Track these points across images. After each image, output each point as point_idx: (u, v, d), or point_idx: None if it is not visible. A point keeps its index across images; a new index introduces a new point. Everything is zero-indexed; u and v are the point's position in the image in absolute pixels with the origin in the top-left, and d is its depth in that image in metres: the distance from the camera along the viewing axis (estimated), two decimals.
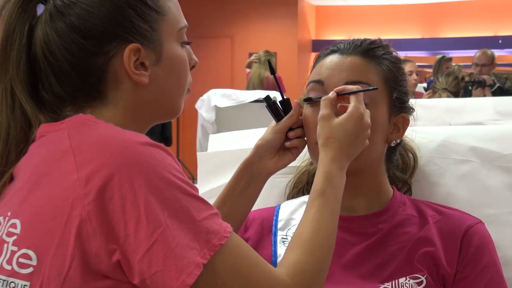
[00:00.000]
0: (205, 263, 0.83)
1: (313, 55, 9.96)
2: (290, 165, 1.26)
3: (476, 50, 5.42)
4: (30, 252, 0.85)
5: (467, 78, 5.40)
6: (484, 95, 4.62)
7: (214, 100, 4.48)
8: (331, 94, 1.12)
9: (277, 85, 1.25)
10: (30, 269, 0.85)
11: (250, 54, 9.23)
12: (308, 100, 1.20)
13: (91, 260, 0.82)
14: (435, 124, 3.10)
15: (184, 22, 1.03)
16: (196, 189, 0.88)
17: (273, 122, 1.24)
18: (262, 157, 1.21)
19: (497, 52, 6.61)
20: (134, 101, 0.96)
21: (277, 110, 1.23)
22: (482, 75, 4.97)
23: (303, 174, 1.40)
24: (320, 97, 1.13)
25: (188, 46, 1.04)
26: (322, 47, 1.28)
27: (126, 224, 0.81)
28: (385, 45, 1.24)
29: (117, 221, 0.82)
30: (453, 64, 6.47)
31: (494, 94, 4.75)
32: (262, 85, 5.78)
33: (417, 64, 5.89)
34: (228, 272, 0.85)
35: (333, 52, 1.23)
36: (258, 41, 9.04)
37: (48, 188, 0.86)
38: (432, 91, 4.13)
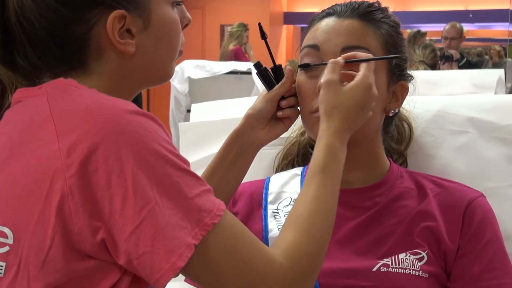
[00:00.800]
0: (196, 243, 0.76)
1: (285, 27, 9.86)
2: None
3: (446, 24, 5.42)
4: (6, 230, 0.77)
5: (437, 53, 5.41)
6: (452, 70, 4.62)
7: (187, 71, 4.36)
8: (339, 59, 1.04)
9: (268, 51, 1.17)
10: (6, 248, 0.77)
11: (222, 26, 9.12)
12: (305, 66, 1.12)
13: (74, 238, 0.75)
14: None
15: None
16: (188, 163, 0.80)
17: (264, 91, 1.16)
18: (252, 127, 1.14)
19: (467, 27, 6.60)
20: (120, 70, 0.87)
21: (268, 77, 1.15)
22: (451, 49, 4.96)
23: (293, 145, 1.34)
24: (320, 64, 1.07)
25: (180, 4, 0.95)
26: (294, 20, 1.20)
27: (112, 199, 0.74)
28: (383, 8, 1.17)
29: (102, 196, 0.74)
30: (427, 38, 6.46)
31: (462, 68, 4.75)
32: (224, 57, 5.72)
33: None
34: (221, 253, 0.78)
35: (329, 15, 1.15)
36: (230, 13, 8.93)
37: (24, 159, 0.78)
38: (409, 63, 4.09)
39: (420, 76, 3.62)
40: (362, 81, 1.00)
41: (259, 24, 1.16)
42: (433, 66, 4.00)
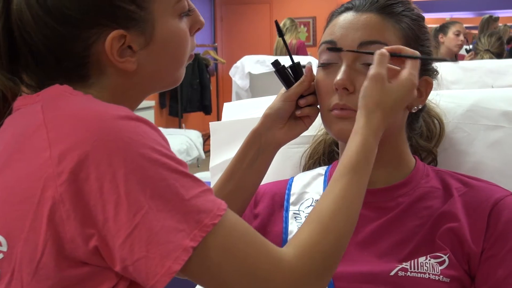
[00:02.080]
0: (194, 246, 0.74)
1: None
2: (305, 134, 1.17)
3: None
4: (0, 237, 0.78)
5: None
6: None
7: (248, 67, 4.37)
8: (385, 51, 0.99)
9: (286, 49, 1.16)
10: (0, 256, 0.78)
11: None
12: (332, 51, 1.08)
13: (66, 246, 0.75)
14: (477, 87, 2.95)
15: None
16: (185, 165, 0.79)
17: (283, 89, 1.14)
18: (270, 127, 1.12)
19: None
20: (122, 84, 0.87)
21: (287, 75, 1.13)
22: None
23: (319, 144, 1.31)
24: (355, 51, 1.05)
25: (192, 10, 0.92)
26: None
27: (105, 206, 0.73)
28: (405, 1, 1.12)
29: (94, 204, 0.74)
30: (500, 24, 6.22)
31: None
32: (285, 52, 5.67)
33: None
34: (222, 254, 0.76)
35: (347, 9, 1.11)
36: (297, 6, 8.88)
37: (18, 167, 0.79)
38: (474, 52, 3.94)
39: (485, 65, 3.47)
40: (408, 80, 0.97)
41: (276, 22, 1.16)
42: (500, 55, 3.84)
